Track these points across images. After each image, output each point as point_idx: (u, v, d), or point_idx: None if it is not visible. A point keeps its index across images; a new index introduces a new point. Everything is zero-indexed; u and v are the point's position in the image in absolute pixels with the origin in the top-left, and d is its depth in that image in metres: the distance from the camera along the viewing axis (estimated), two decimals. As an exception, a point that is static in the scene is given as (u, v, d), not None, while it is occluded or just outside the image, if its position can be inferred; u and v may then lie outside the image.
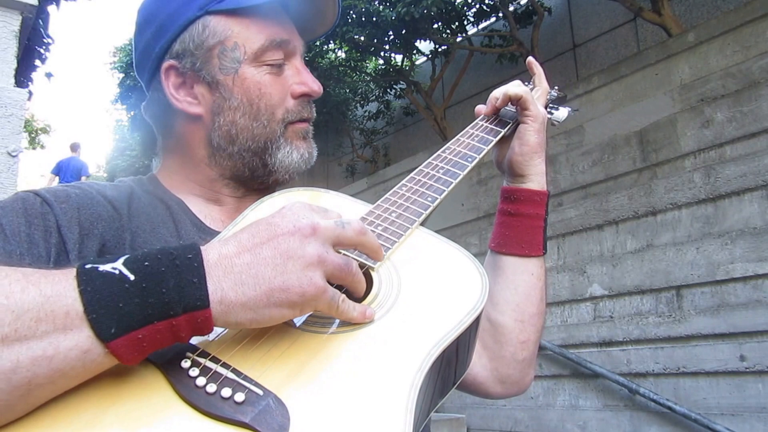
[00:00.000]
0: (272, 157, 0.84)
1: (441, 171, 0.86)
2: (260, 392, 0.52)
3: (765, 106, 3.81)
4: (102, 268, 0.51)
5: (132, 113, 10.15)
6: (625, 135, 4.59)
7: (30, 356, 0.48)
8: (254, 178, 0.86)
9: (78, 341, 0.49)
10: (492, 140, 0.94)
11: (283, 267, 0.55)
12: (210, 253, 0.55)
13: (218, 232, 0.80)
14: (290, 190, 0.81)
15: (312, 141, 0.90)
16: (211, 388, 0.52)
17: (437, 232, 0.76)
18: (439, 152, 0.90)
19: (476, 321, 0.63)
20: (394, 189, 0.82)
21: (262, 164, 0.85)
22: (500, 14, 6.71)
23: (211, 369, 0.54)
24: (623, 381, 3.82)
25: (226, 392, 0.52)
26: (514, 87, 0.96)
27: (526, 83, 1.07)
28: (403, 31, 6.62)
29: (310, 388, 0.54)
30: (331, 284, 0.59)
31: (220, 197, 0.87)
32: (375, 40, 6.90)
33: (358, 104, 8.94)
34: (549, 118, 1.06)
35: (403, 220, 0.76)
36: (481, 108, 1.01)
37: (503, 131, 0.97)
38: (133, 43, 0.90)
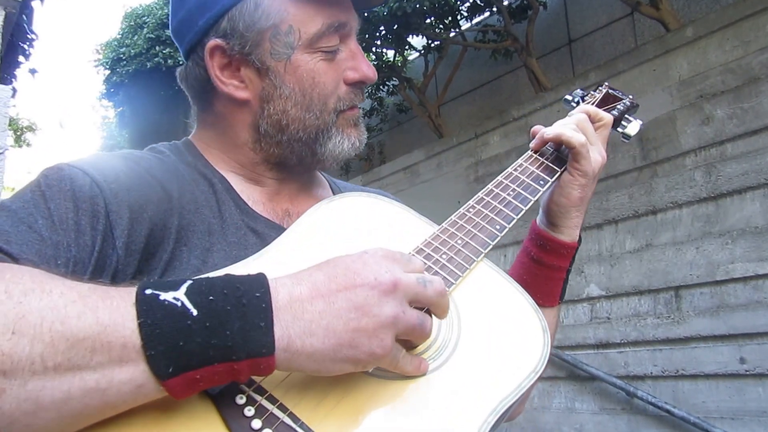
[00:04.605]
0: (322, 146, 0.81)
1: (512, 194, 0.81)
2: None
3: (766, 103, 3.75)
4: (163, 296, 0.49)
5: (120, 109, 10.01)
6: (623, 132, 4.51)
7: (82, 387, 0.46)
8: (300, 165, 0.84)
9: (133, 376, 0.47)
10: (549, 180, 0.85)
11: (357, 322, 0.53)
12: (280, 292, 0.53)
13: (260, 215, 0.79)
14: (358, 194, 0.80)
15: (362, 126, 0.85)
16: None
17: (436, 229, 0.70)
18: (501, 177, 0.84)
19: (535, 383, 0.61)
20: (461, 211, 0.77)
21: (311, 153, 0.82)
22: (494, 9, 6.62)
23: (268, 410, 0.53)
24: (621, 383, 3.76)
25: None
26: (570, 132, 0.85)
27: (581, 93, 0.97)
28: (395, 27, 6.53)
29: None
30: None
31: (262, 179, 0.84)
32: (366, 36, 6.79)
33: (350, 101, 8.86)
34: (620, 132, 0.98)
35: (469, 250, 0.72)
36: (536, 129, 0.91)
37: (560, 171, 0.87)
38: (171, 5, 0.82)
